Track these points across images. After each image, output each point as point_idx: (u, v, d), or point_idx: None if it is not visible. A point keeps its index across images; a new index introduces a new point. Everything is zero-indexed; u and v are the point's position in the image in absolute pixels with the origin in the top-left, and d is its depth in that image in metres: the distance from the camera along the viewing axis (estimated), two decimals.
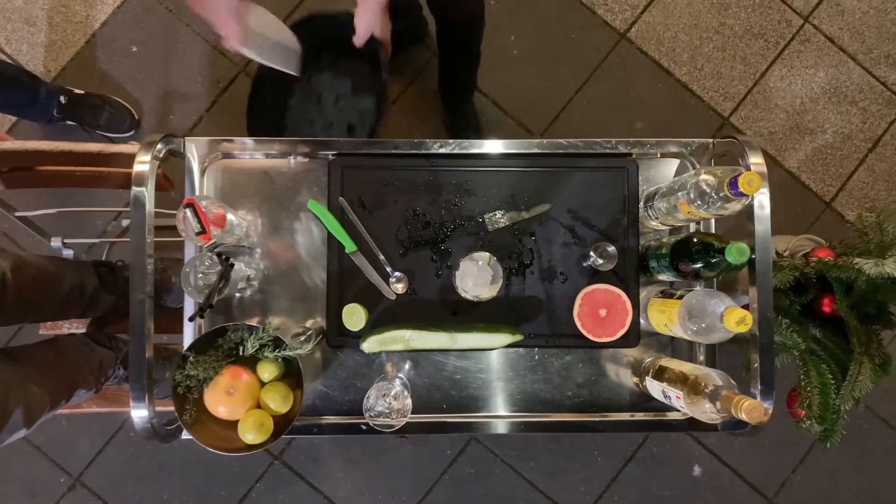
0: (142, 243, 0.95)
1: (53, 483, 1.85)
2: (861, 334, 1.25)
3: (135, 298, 0.95)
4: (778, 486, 1.91)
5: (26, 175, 1.16)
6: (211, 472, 1.86)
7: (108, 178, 1.18)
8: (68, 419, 1.83)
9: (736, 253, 0.82)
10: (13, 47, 1.87)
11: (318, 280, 1.07)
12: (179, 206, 0.92)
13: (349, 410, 1.07)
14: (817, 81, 1.97)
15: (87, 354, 1.29)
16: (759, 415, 0.77)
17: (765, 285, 0.98)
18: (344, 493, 1.88)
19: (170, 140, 1.02)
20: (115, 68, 1.87)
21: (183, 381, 0.95)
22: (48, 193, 1.73)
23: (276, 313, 1.07)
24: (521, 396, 1.09)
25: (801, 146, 1.96)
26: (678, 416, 1.08)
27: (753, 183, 0.80)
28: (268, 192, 1.08)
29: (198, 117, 1.88)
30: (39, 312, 1.25)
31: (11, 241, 1.83)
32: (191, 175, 1.07)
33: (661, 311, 0.98)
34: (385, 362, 1.08)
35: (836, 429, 1.23)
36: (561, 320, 1.06)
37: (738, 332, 0.82)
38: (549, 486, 1.89)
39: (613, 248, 1.03)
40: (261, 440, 0.96)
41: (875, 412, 1.92)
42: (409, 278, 1.06)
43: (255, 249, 1.08)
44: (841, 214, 1.94)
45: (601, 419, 1.08)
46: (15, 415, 1.05)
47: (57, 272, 1.23)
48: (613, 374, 1.09)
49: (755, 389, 1.00)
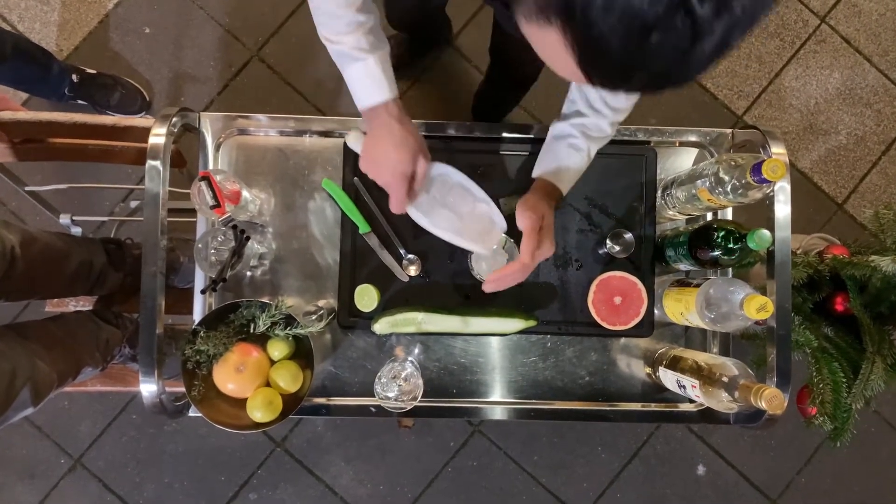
0: (155, 217, 0.94)
1: (54, 464, 1.84)
2: (874, 334, 1.24)
3: (147, 272, 0.94)
4: (782, 487, 1.90)
5: (38, 147, 1.15)
6: (212, 457, 1.85)
7: (121, 152, 1.17)
8: (70, 400, 1.83)
9: (758, 239, 0.81)
10: (26, 25, 1.86)
11: (331, 260, 1.07)
12: (195, 180, 0.91)
13: (358, 392, 1.06)
14: (832, 82, 1.96)
15: (93, 332, 1.29)
16: (779, 403, 0.76)
17: (783, 276, 0.97)
18: (345, 482, 1.87)
19: (185, 114, 1.02)
20: (127, 49, 1.86)
21: (192, 356, 0.94)
22: (57, 170, 1.72)
23: (288, 292, 1.06)
24: (531, 383, 1.08)
25: (815, 147, 1.95)
26: (690, 407, 1.07)
27: (778, 170, 0.79)
28: (282, 170, 1.07)
29: (209, 100, 1.87)
30: (47, 288, 1.25)
31: (19, 219, 1.82)
32: (205, 150, 1.06)
33: (678, 300, 0.97)
34: (395, 345, 1.07)
35: (846, 428, 1.22)
36: (575, 307, 1.06)
37: (758, 319, 0.81)
38: (552, 480, 1.88)
39: (630, 235, 1.02)
40: (269, 419, 0.95)
41: (882, 416, 1.91)
42: (423, 261, 1.05)
43: (267, 227, 1.07)
44: (853, 216, 1.93)
45: (612, 408, 1.07)
46: (22, 392, 1.04)
47: (65, 248, 1.23)
48: (625, 364, 1.08)
49: (770, 382, 0.99)
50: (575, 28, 0.43)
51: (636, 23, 0.40)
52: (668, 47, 0.42)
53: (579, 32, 0.43)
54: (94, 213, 1.69)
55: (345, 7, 0.78)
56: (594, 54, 0.45)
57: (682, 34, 0.41)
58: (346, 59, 0.83)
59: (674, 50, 0.42)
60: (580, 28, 0.43)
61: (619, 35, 0.41)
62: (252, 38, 1.88)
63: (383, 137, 0.84)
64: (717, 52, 0.43)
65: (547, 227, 0.88)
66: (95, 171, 1.73)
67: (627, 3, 0.39)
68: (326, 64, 0.84)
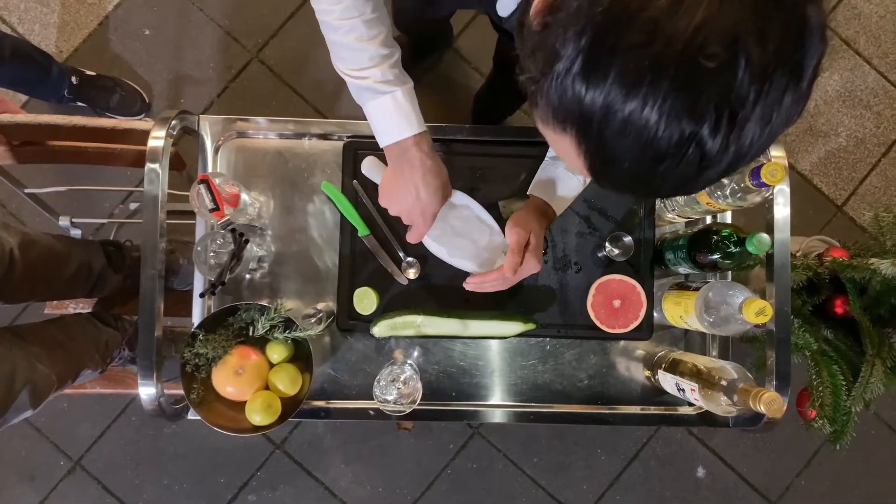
0: (154, 220, 0.94)
1: (53, 466, 1.84)
2: (873, 336, 1.24)
3: (146, 274, 0.94)
4: (782, 489, 1.90)
5: (38, 150, 1.15)
6: (212, 459, 1.85)
7: (121, 155, 1.17)
8: (69, 402, 1.82)
9: (757, 243, 0.81)
10: (26, 27, 1.86)
11: (330, 263, 1.06)
12: (194, 183, 0.91)
13: (357, 395, 1.06)
14: (832, 84, 1.96)
15: (93, 334, 1.29)
16: (778, 407, 0.75)
17: (783, 279, 0.97)
18: (344, 484, 1.86)
19: (184, 117, 1.02)
20: (126, 51, 1.86)
21: (191, 359, 0.94)
22: (57, 172, 1.72)
23: (287, 295, 1.06)
24: (530, 386, 1.08)
25: (814, 149, 1.95)
26: (689, 410, 1.07)
27: (777, 174, 0.79)
28: (281, 172, 1.07)
29: (209, 102, 1.87)
30: (46, 291, 1.25)
31: (19, 221, 1.82)
32: (204, 153, 1.06)
33: (677, 303, 0.97)
34: (395, 348, 1.07)
35: (846, 430, 1.22)
36: (574, 310, 1.05)
37: (757, 322, 0.81)
38: (551, 483, 1.88)
39: (629, 238, 1.02)
40: (268, 422, 0.95)
41: (881, 418, 1.91)
42: (422, 264, 1.05)
43: (266, 230, 1.07)
44: (853, 218, 1.93)
45: (611, 412, 1.07)
46: (22, 394, 1.04)
47: (64, 250, 1.23)
48: (624, 367, 1.08)
49: (770, 385, 0.99)
50: (589, 142, 0.45)
51: (648, 150, 0.41)
52: (676, 173, 0.43)
53: (593, 146, 0.45)
54: (94, 215, 1.69)
55: (367, 41, 0.75)
56: (605, 167, 0.46)
57: (691, 164, 0.42)
58: (370, 94, 0.78)
59: (681, 175, 0.43)
60: (594, 143, 0.44)
61: (631, 157, 0.43)
62: (252, 39, 1.88)
63: (412, 174, 0.81)
64: (722, 175, 0.45)
65: (534, 245, 0.88)
66: (95, 173, 1.73)
67: (641, 130, 0.40)
68: (326, 66, 0.83)
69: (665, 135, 0.40)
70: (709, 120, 0.39)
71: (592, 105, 0.41)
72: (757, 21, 0.37)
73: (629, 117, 0.40)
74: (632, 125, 0.40)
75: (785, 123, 0.42)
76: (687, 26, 0.37)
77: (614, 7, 0.39)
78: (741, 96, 0.39)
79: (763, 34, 0.38)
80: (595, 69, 0.40)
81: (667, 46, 0.38)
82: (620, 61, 0.39)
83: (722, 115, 0.39)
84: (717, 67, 0.38)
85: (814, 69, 0.41)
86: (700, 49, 0.37)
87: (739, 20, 0.37)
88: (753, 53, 0.38)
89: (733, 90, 0.38)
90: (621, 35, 0.39)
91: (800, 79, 0.40)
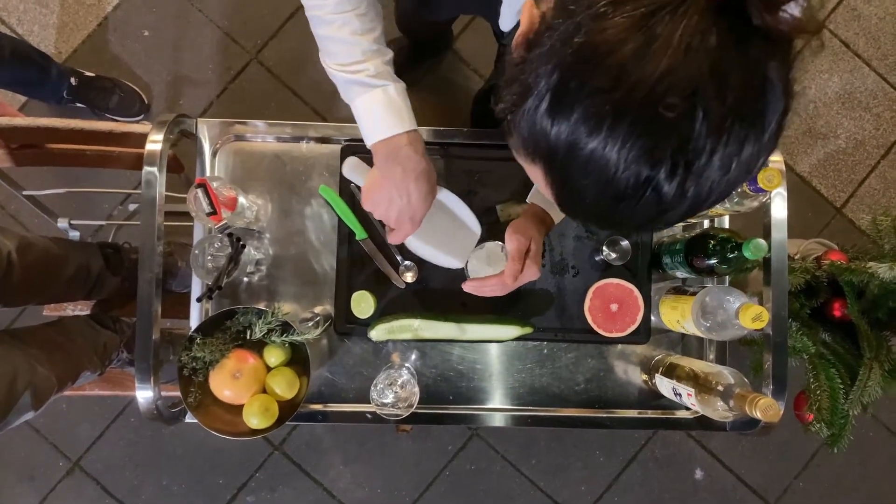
0: (152, 223, 0.94)
1: (52, 466, 1.84)
2: (871, 340, 1.24)
3: (143, 278, 0.94)
4: (780, 491, 1.90)
5: (36, 153, 1.15)
6: (210, 460, 1.85)
7: (119, 158, 1.17)
8: (69, 403, 1.83)
9: (754, 248, 0.81)
10: (25, 28, 1.86)
11: (328, 266, 1.07)
12: (191, 187, 0.91)
13: (355, 398, 1.06)
14: (831, 86, 1.96)
15: (91, 337, 1.29)
16: (774, 413, 0.75)
17: (780, 284, 0.97)
18: (343, 486, 1.87)
19: (182, 120, 1.02)
20: (126, 52, 1.86)
21: (189, 362, 0.94)
22: (56, 174, 1.72)
23: (284, 298, 1.06)
24: (528, 390, 1.08)
25: (814, 151, 1.95)
26: (686, 414, 1.07)
27: (773, 179, 0.79)
28: (279, 176, 1.07)
29: (208, 103, 1.87)
30: (45, 294, 1.25)
31: (17, 222, 1.82)
32: (202, 156, 1.06)
33: (674, 308, 0.97)
34: (392, 351, 1.07)
35: (843, 434, 1.22)
36: (571, 314, 1.05)
37: (754, 328, 0.81)
38: (550, 484, 1.88)
39: (626, 242, 1.02)
40: (265, 425, 0.95)
41: (880, 420, 1.91)
42: (419, 267, 1.05)
43: (264, 233, 1.07)
44: (851, 220, 1.93)
45: (608, 415, 1.07)
46: (24, 396, 1.05)
47: (62, 253, 1.23)
48: (622, 371, 1.08)
49: (766, 389, 0.99)
50: (555, 176, 0.46)
51: (609, 189, 0.42)
52: (636, 213, 0.44)
53: (559, 180, 0.47)
54: (92, 217, 1.69)
55: (362, 34, 0.74)
56: (570, 201, 0.48)
57: (650, 206, 0.43)
58: (361, 88, 0.77)
59: (642, 216, 0.45)
60: (559, 177, 0.46)
61: (593, 194, 0.44)
62: (251, 40, 1.88)
63: (405, 177, 0.79)
64: (684, 217, 0.46)
65: (534, 252, 0.88)
66: (93, 175, 1.73)
67: (602, 169, 0.41)
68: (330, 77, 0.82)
69: (623, 176, 0.41)
70: (665, 166, 0.40)
71: (557, 141, 0.43)
72: (717, 74, 0.38)
73: (591, 156, 0.41)
74: (593, 164, 0.41)
75: (746, 173, 0.43)
76: (650, 75, 0.38)
77: (584, 49, 0.40)
78: (698, 147, 0.39)
79: (722, 87, 0.38)
80: (561, 108, 0.42)
81: (629, 93, 0.38)
82: (585, 103, 0.40)
83: (678, 162, 0.40)
84: (676, 118, 0.38)
85: (777, 122, 0.42)
86: (660, 98, 0.38)
87: (700, 72, 0.38)
88: (711, 106, 0.38)
89: (690, 140, 0.39)
90: (588, 77, 0.40)
91: (761, 132, 0.41)
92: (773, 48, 0.40)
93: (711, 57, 0.38)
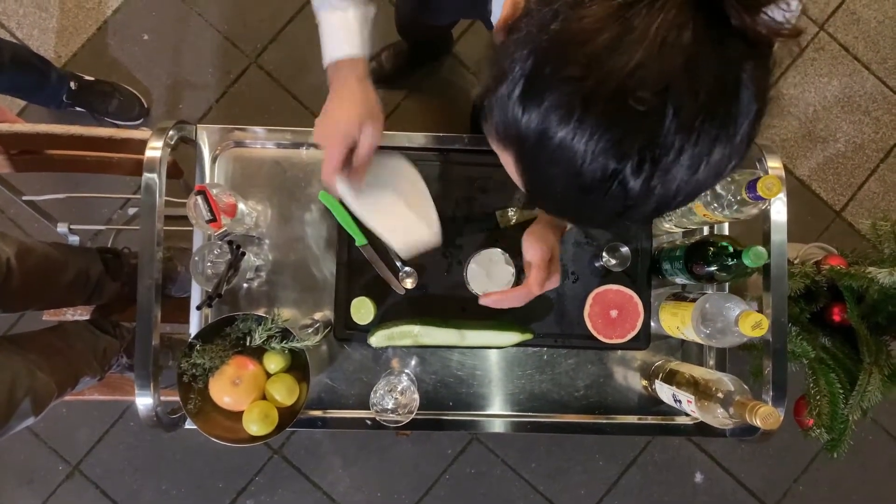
0: (152, 230, 0.94)
1: (52, 470, 1.84)
2: (871, 344, 1.24)
3: (143, 285, 0.94)
4: (780, 495, 1.90)
5: (36, 158, 1.15)
6: (210, 464, 1.85)
7: (119, 164, 1.17)
8: (68, 407, 1.82)
9: (754, 256, 0.81)
10: (24, 31, 1.86)
11: (327, 272, 1.07)
12: (190, 193, 0.91)
13: (354, 404, 1.06)
14: (830, 90, 1.96)
15: (91, 342, 1.29)
16: (773, 421, 0.76)
17: (780, 291, 0.97)
18: (342, 489, 1.87)
19: (182, 127, 1.02)
20: (125, 56, 1.86)
21: (188, 369, 0.94)
22: (55, 179, 1.72)
23: (284, 304, 1.06)
24: (527, 396, 1.08)
25: (813, 154, 1.95)
26: (686, 420, 1.07)
27: (773, 187, 0.79)
28: (279, 182, 1.07)
29: (207, 107, 1.87)
30: (44, 299, 1.25)
31: (17, 227, 1.82)
32: (202, 163, 1.06)
33: (674, 314, 0.97)
34: (392, 358, 1.07)
35: (843, 438, 1.22)
36: (571, 320, 1.05)
37: (753, 336, 0.81)
38: (550, 488, 1.88)
39: (626, 248, 1.02)
40: (265, 432, 0.95)
41: (880, 424, 1.91)
42: (419, 273, 1.05)
43: (264, 240, 1.07)
44: (851, 224, 1.93)
45: (608, 421, 1.07)
46: (24, 402, 1.05)
47: (62, 258, 1.23)
48: (622, 377, 1.08)
49: (766, 395, 0.99)
50: (525, 163, 0.46)
51: (576, 181, 0.42)
52: (603, 207, 0.44)
53: (528, 168, 0.46)
54: (92, 222, 1.69)
55: None
56: (539, 190, 0.48)
57: (616, 200, 0.42)
58: (326, 6, 0.77)
59: (609, 209, 0.44)
60: (529, 165, 0.46)
61: (562, 185, 0.44)
62: (251, 44, 1.88)
63: (338, 98, 0.79)
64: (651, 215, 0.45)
65: (555, 258, 0.87)
66: (93, 180, 1.72)
67: (570, 161, 0.41)
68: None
69: (590, 168, 0.40)
70: (632, 160, 0.39)
71: (528, 128, 0.42)
72: (691, 71, 0.37)
73: (560, 146, 0.41)
74: (562, 154, 0.41)
75: (715, 175, 0.42)
76: (623, 67, 0.37)
77: (559, 37, 0.40)
78: (667, 143, 0.39)
79: (695, 85, 0.38)
80: (533, 94, 0.41)
81: (600, 84, 0.38)
82: (556, 91, 0.40)
83: (645, 158, 0.39)
84: (645, 112, 0.38)
85: (749, 126, 0.41)
86: (631, 91, 0.37)
87: (673, 68, 0.37)
88: (682, 103, 0.38)
89: (659, 136, 0.38)
90: (560, 65, 0.39)
91: (732, 134, 0.40)
92: (751, 50, 0.39)
93: (686, 53, 0.37)
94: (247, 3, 1.88)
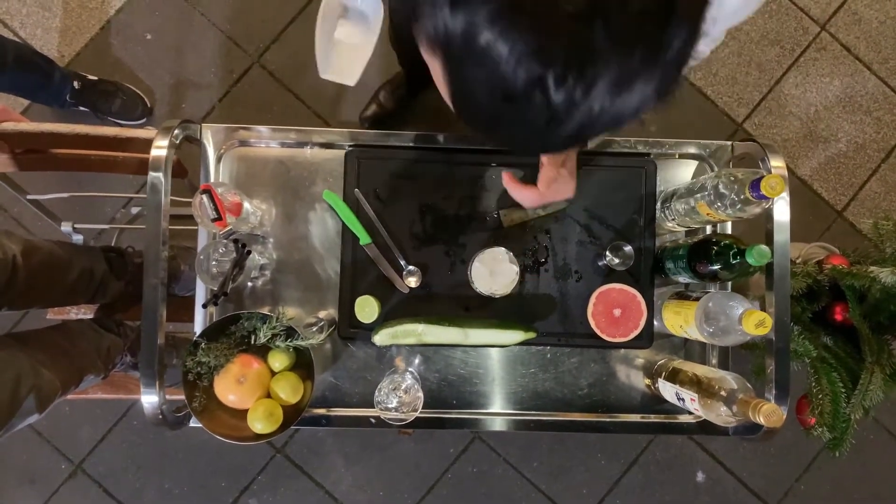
0: (157, 229, 0.95)
1: (54, 469, 1.84)
2: (873, 344, 1.25)
3: (148, 284, 0.94)
4: (781, 494, 1.90)
5: (40, 157, 1.15)
6: (212, 463, 1.86)
7: (123, 163, 1.17)
8: (71, 405, 1.83)
9: (757, 255, 0.81)
10: (28, 31, 1.86)
11: (332, 271, 1.07)
12: (196, 192, 0.91)
13: (358, 403, 1.06)
14: (832, 90, 1.96)
15: (95, 340, 1.29)
16: (777, 419, 0.76)
17: (782, 290, 0.97)
18: (345, 488, 1.87)
19: (187, 126, 1.02)
20: (128, 55, 1.87)
21: (194, 367, 0.95)
22: (60, 178, 1.72)
23: (288, 303, 1.07)
24: (530, 394, 1.08)
25: (815, 154, 1.95)
26: (689, 418, 1.08)
27: (776, 186, 0.79)
28: (283, 181, 1.08)
29: (210, 107, 1.87)
30: (48, 297, 1.25)
31: (21, 226, 1.83)
32: (206, 162, 1.07)
33: (677, 313, 0.98)
34: (395, 356, 1.08)
35: (845, 437, 1.23)
36: (574, 319, 1.06)
37: (756, 334, 0.82)
38: (552, 487, 1.89)
39: (630, 247, 1.03)
40: (270, 430, 0.95)
41: (882, 423, 1.91)
42: (423, 272, 1.05)
43: (268, 238, 1.07)
44: (853, 224, 1.94)
45: (611, 420, 1.07)
46: (28, 400, 1.05)
47: (66, 257, 1.23)
48: (625, 375, 1.09)
49: (769, 394, 0.99)
50: (451, 68, 0.45)
51: (499, 87, 0.41)
52: (526, 120, 0.43)
53: (454, 74, 0.45)
54: (96, 221, 1.70)
55: None
56: (463, 98, 0.47)
57: (539, 113, 0.42)
58: None
59: (531, 125, 0.43)
60: (455, 70, 0.45)
61: (486, 92, 0.43)
62: (253, 44, 1.88)
63: None
64: (573, 139, 0.44)
65: (570, 168, 0.85)
66: (97, 179, 1.72)
67: (496, 65, 0.40)
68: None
69: (514, 73, 0.40)
70: (555, 67, 0.39)
71: (454, 30, 0.41)
72: None
73: (485, 48, 0.40)
74: (487, 56, 0.40)
75: (640, 101, 0.42)
76: None
77: None
78: (593, 53, 0.38)
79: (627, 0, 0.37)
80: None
81: None
82: None
83: (570, 65, 0.39)
84: (575, 16, 0.37)
85: (678, 50, 0.40)
86: None
87: None
88: (613, 14, 0.37)
89: (586, 45, 0.38)
90: None
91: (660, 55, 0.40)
92: None
93: None
94: (250, 3, 1.88)
